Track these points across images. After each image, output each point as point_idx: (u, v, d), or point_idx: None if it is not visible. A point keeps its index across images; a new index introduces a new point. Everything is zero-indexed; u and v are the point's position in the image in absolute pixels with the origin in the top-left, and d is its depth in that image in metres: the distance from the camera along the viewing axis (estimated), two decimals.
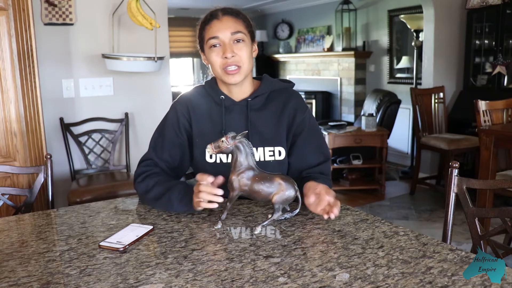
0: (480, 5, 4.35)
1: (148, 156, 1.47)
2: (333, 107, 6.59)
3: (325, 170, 1.47)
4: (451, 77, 4.64)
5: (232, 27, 1.37)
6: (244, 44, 1.39)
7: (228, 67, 1.37)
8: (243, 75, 1.40)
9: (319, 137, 1.51)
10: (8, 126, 2.20)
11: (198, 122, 1.46)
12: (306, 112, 1.48)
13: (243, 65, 1.38)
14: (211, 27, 1.39)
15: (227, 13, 1.40)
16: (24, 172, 1.91)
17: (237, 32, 1.37)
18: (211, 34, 1.38)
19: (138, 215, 1.35)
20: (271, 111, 1.47)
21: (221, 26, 1.37)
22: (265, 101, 1.47)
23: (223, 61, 1.37)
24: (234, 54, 1.36)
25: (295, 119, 1.46)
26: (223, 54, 1.36)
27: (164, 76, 3.23)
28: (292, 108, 1.47)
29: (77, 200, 2.56)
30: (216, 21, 1.39)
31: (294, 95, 1.50)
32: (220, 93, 1.46)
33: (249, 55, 1.41)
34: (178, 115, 1.47)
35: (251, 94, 1.46)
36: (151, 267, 0.98)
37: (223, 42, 1.37)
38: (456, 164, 1.37)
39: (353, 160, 4.33)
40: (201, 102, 1.48)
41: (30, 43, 2.20)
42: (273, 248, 1.06)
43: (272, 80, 1.51)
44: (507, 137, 2.85)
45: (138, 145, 3.18)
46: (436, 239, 1.10)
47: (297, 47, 7.28)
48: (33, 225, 1.32)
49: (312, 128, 1.49)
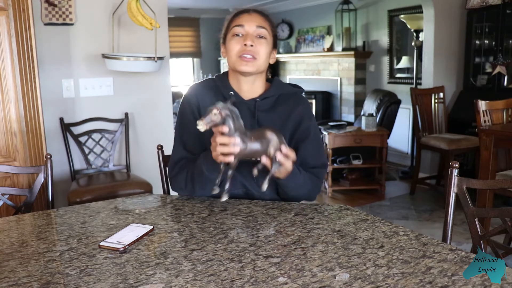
0: (480, 5, 4.35)
1: (178, 156, 1.49)
2: (333, 107, 6.59)
3: (319, 174, 1.48)
4: (451, 77, 4.64)
5: (258, 21, 1.43)
6: (265, 41, 1.43)
7: (244, 54, 1.39)
8: (256, 68, 1.42)
9: (320, 147, 1.53)
10: (8, 126, 2.20)
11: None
12: (312, 120, 1.50)
13: (259, 58, 1.41)
14: (239, 18, 1.44)
15: (257, 11, 1.46)
16: (24, 172, 1.91)
17: (262, 27, 1.42)
18: (237, 22, 1.43)
19: (138, 215, 1.35)
20: (278, 114, 1.47)
21: (249, 18, 1.43)
22: (274, 103, 1.49)
23: (242, 48, 1.40)
24: (254, 45, 1.40)
25: (300, 126, 1.47)
26: (244, 41, 1.40)
27: (164, 76, 3.23)
28: (299, 114, 1.48)
29: (77, 200, 2.56)
30: (245, 14, 1.45)
31: (302, 101, 1.52)
32: (230, 89, 1.47)
33: (267, 54, 1.44)
34: (191, 106, 1.49)
35: (260, 95, 1.47)
36: (151, 267, 0.98)
37: (247, 32, 1.41)
38: (456, 164, 1.37)
39: (353, 160, 4.33)
40: (210, 94, 1.49)
41: (30, 43, 2.20)
42: (273, 248, 1.06)
43: (283, 84, 1.53)
44: (507, 137, 2.85)
45: (138, 145, 3.18)
46: (436, 239, 1.10)
47: (297, 47, 7.28)
48: (33, 225, 1.32)
49: (315, 138, 1.50)
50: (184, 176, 1.44)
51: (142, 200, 1.51)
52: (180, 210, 1.39)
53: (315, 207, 1.36)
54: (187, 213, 1.33)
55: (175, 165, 1.48)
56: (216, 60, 8.41)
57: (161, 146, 1.77)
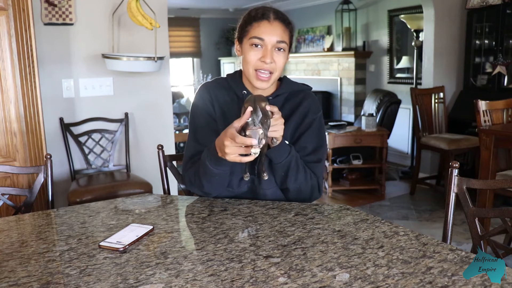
0: (480, 5, 4.35)
1: (191, 152, 1.47)
2: (333, 107, 6.59)
3: (314, 169, 1.47)
4: (451, 77, 4.64)
5: (279, 35, 1.37)
6: (283, 53, 1.40)
7: (261, 71, 1.37)
8: (272, 82, 1.41)
9: (320, 142, 1.50)
10: (8, 126, 2.20)
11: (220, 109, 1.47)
12: (317, 114, 1.49)
13: (275, 73, 1.40)
14: (259, 26, 1.37)
15: (279, 18, 1.39)
16: (24, 172, 1.91)
17: (282, 42, 1.38)
18: (257, 33, 1.37)
19: (138, 215, 1.35)
20: (287, 110, 1.48)
21: (270, 31, 1.37)
22: (284, 100, 1.49)
23: (259, 63, 1.37)
24: (272, 61, 1.37)
25: (305, 119, 1.47)
26: (262, 57, 1.36)
27: (164, 76, 3.23)
28: (305, 107, 1.48)
29: (77, 200, 2.56)
30: (266, 22, 1.38)
31: (310, 96, 1.52)
32: (243, 88, 1.47)
33: (284, 64, 1.42)
34: (205, 101, 1.48)
35: (272, 94, 1.48)
36: (151, 267, 0.98)
37: (266, 46, 1.37)
38: (456, 164, 1.37)
39: (353, 160, 4.33)
40: (222, 92, 1.49)
41: (30, 43, 2.20)
42: (273, 248, 1.06)
43: (292, 82, 1.53)
44: (507, 137, 2.85)
45: (138, 145, 3.18)
46: (436, 239, 1.10)
47: (297, 47, 7.28)
48: (33, 225, 1.32)
49: (317, 131, 1.49)
50: (193, 170, 1.42)
51: (142, 200, 1.51)
52: (180, 210, 1.39)
53: (315, 207, 1.36)
54: (187, 213, 1.33)
55: (189, 161, 1.46)
56: (216, 60, 8.41)
57: (161, 146, 1.77)
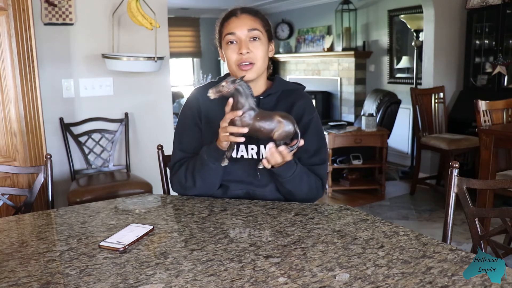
0: (480, 5, 4.35)
1: (177, 158, 1.51)
2: (333, 107, 6.59)
3: (318, 171, 1.47)
4: (451, 77, 4.64)
5: (249, 24, 1.41)
6: (260, 42, 1.42)
7: (242, 62, 1.40)
8: (256, 73, 1.42)
9: (321, 142, 1.50)
10: (8, 126, 2.20)
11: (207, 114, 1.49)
12: (313, 114, 1.50)
13: (257, 63, 1.41)
14: (229, 23, 1.42)
15: (245, 11, 1.44)
16: (24, 172, 1.91)
17: (253, 30, 1.40)
18: (228, 30, 1.41)
19: (138, 215, 1.35)
20: (281, 109, 1.47)
21: (239, 23, 1.41)
22: (276, 100, 1.49)
23: (238, 57, 1.40)
24: (249, 51, 1.39)
25: (301, 120, 1.47)
26: (239, 50, 1.39)
27: (164, 76, 3.23)
28: (300, 108, 1.48)
29: (77, 200, 2.56)
30: (234, 18, 1.43)
31: (303, 96, 1.52)
32: None
33: (265, 54, 1.43)
34: (192, 111, 1.51)
35: (263, 93, 1.48)
36: (151, 267, 0.98)
37: (239, 38, 1.40)
38: (456, 164, 1.37)
39: (353, 160, 4.33)
40: None
41: (30, 43, 2.20)
42: (273, 248, 1.06)
43: (284, 81, 1.54)
44: (507, 137, 2.85)
45: (138, 145, 3.18)
46: (436, 239, 1.10)
47: (297, 47, 7.28)
48: (33, 225, 1.32)
49: (316, 131, 1.49)
50: (184, 171, 1.45)
51: (142, 200, 1.51)
52: (180, 210, 1.39)
53: (315, 207, 1.35)
54: (187, 213, 1.33)
55: (175, 165, 1.50)
56: (216, 60, 8.41)
57: (161, 146, 1.78)
